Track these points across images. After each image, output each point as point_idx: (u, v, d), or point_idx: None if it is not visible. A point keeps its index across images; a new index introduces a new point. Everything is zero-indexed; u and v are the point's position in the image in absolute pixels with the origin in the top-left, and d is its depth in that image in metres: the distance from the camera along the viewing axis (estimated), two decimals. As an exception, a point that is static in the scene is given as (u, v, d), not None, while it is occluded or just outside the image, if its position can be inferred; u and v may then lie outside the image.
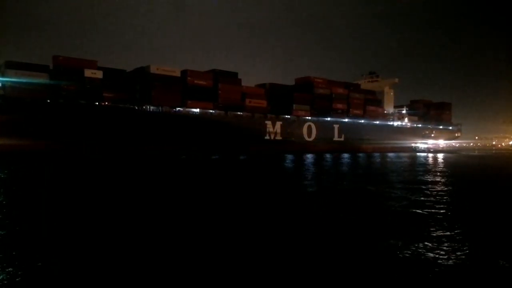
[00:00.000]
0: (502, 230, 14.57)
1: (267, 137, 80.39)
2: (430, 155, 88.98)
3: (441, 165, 51.83)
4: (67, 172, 35.45)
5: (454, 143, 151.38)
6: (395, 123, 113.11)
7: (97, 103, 59.75)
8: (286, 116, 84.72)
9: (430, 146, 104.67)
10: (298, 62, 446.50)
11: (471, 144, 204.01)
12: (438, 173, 38.52)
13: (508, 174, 44.92)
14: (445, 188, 26.35)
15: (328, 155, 74.33)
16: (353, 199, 21.85)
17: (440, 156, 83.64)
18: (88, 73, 58.86)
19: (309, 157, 67.42)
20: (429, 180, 31.83)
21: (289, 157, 66.20)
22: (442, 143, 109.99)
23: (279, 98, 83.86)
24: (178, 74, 68.18)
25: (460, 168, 50.10)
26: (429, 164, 53.82)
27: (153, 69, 64.73)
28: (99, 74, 59.90)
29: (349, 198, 22.21)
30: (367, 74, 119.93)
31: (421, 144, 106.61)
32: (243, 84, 78.99)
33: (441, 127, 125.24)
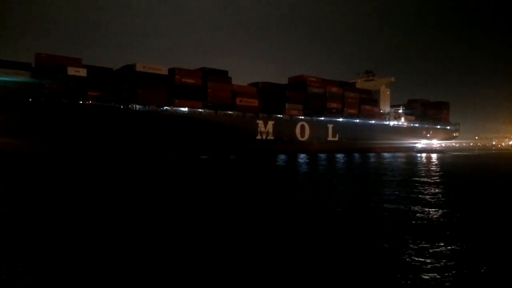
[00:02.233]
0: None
1: (258, 137, 78.80)
2: (424, 155, 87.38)
3: (433, 166, 50.29)
4: (51, 173, 34.11)
5: (453, 143, 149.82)
6: (391, 123, 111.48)
7: (81, 102, 58.37)
8: (279, 115, 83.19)
9: (424, 146, 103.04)
10: (292, 61, 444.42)
11: (471, 144, 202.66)
12: (426, 174, 37.02)
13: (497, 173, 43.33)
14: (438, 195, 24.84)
15: (322, 155, 72.72)
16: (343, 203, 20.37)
17: (434, 156, 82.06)
18: (71, 71, 57.32)
19: (302, 157, 65.86)
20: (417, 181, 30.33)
21: (281, 157, 64.64)
22: (435, 143, 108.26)
23: (272, 97, 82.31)
24: (165, 72, 66.71)
25: (450, 167, 48.59)
26: (420, 164, 52.28)
27: (139, 67, 63.25)
28: (83, 73, 58.37)
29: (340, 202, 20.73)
30: (363, 73, 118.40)
31: (418, 144, 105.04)
32: (235, 83, 77.57)
33: (438, 126, 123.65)
